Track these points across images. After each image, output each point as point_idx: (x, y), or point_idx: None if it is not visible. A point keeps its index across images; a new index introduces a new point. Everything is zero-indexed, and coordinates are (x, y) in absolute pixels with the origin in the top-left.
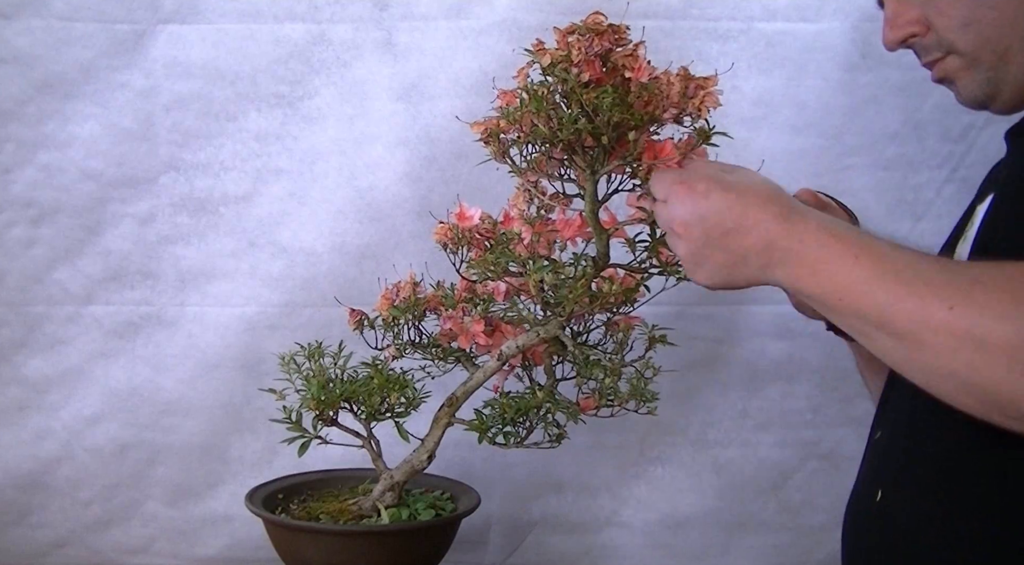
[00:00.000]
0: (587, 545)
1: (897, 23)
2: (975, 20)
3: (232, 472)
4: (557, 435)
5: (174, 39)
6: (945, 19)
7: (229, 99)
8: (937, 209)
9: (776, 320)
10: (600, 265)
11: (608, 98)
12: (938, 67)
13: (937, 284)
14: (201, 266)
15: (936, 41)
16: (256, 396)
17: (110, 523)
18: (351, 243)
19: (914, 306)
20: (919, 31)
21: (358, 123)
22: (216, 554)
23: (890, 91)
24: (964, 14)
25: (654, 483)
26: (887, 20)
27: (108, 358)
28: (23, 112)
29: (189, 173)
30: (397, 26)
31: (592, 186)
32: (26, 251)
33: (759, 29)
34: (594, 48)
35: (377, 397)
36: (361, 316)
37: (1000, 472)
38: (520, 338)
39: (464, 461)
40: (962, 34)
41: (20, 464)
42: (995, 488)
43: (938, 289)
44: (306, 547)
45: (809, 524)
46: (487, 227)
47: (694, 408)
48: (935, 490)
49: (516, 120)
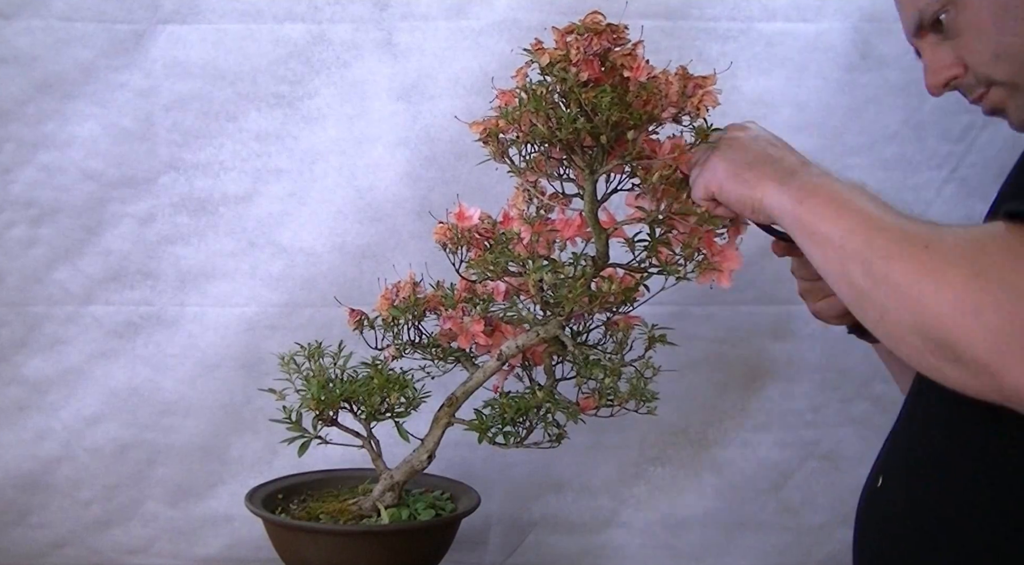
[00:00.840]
0: (587, 545)
1: (935, 69)
2: (1003, 51)
3: (232, 472)
4: (557, 435)
5: (174, 39)
6: (976, 55)
7: (229, 99)
8: (937, 209)
9: (776, 320)
10: (599, 265)
11: (607, 97)
12: (986, 101)
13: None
14: (201, 266)
15: (975, 78)
16: (256, 396)
17: (110, 523)
18: (351, 243)
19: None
20: (958, 73)
21: (358, 123)
22: (216, 554)
23: (890, 91)
24: (992, 48)
25: (654, 483)
26: (926, 68)
27: (108, 358)
28: (23, 112)
29: (189, 173)
30: (397, 26)
31: (591, 185)
32: (26, 251)
33: (759, 29)
34: (592, 47)
35: (377, 397)
36: (361, 316)
37: (995, 458)
38: (520, 338)
39: (464, 461)
40: (996, 66)
41: (20, 464)
42: (989, 474)
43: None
44: (306, 547)
45: (809, 524)
46: (487, 227)
47: (694, 408)
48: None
49: (515, 120)
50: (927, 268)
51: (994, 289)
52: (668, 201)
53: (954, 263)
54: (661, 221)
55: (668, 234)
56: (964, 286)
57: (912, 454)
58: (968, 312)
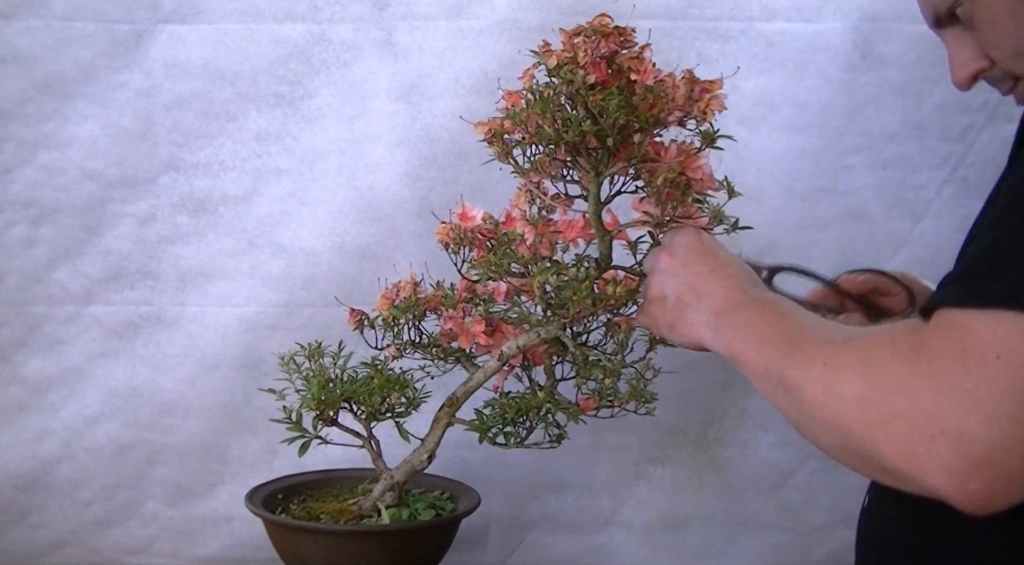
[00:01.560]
0: (587, 545)
1: (960, 63)
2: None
3: (232, 472)
4: (557, 435)
5: (174, 39)
6: (999, 51)
7: (229, 99)
8: (937, 209)
9: None
10: (603, 266)
11: (614, 100)
12: (1017, 93)
13: (820, 343)
14: (201, 266)
15: (1001, 72)
16: (256, 396)
17: (110, 523)
18: (351, 243)
19: (800, 362)
20: (985, 66)
21: (358, 123)
22: (216, 554)
23: (890, 91)
24: (1013, 43)
25: (654, 483)
26: (950, 61)
27: (108, 358)
28: (23, 112)
29: (189, 173)
30: (397, 26)
31: (596, 188)
32: (26, 251)
33: (759, 29)
34: (600, 50)
35: (377, 397)
36: (361, 316)
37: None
38: (520, 338)
39: (464, 461)
40: (1019, 62)
41: (20, 464)
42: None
43: (820, 348)
44: (306, 547)
45: (809, 524)
46: (489, 227)
47: (694, 408)
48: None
49: (522, 121)
50: (829, 389)
51: (891, 399)
52: (672, 205)
53: (850, 380)
54: (665, 224)
55: None
56: (863, 401)
57: None
58: (874, 424)
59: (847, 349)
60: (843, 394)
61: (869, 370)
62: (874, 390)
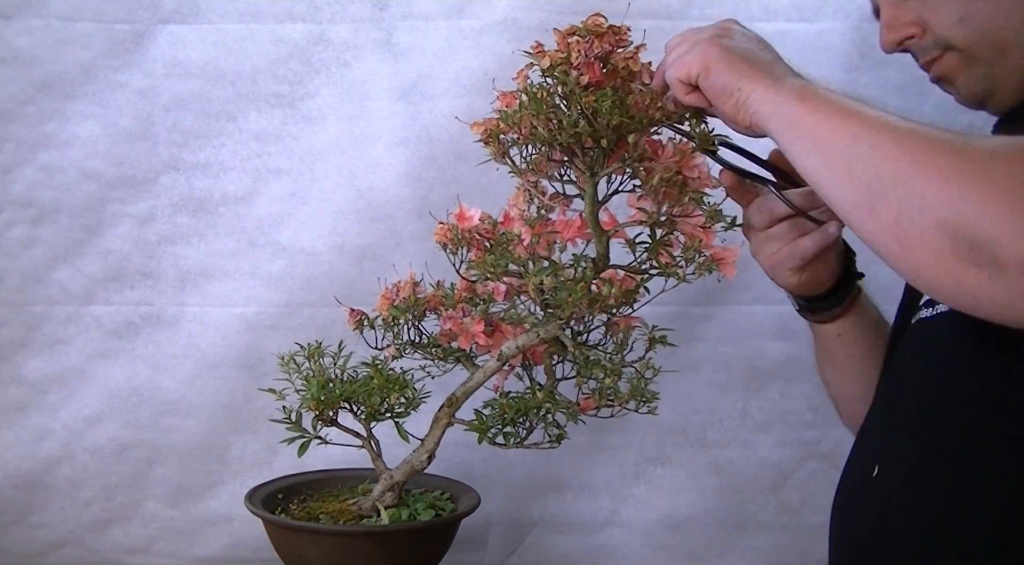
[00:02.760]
0: (587, 545)
1: (894, 26)
2: (970, 14)
3: (232, 472)
4: (557, 435)
5: (174, 39)
6: (941, 16)
7: (229, 99)
8: None
9: (776, 320)
10: (600, 266)
11: (607, 101)
12: (936, 65)
13: (941, 131)
14: (201, 266)
15: (933, 40)
16: (256, 396)
17: (110, 523)
18: (351, 243)
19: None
20: (916, 32)
21: (358, 123)
22: (216, 554)
23: (890, 91)
24: (959, 8)
25: (654, 483)
26: (883, 24)
27: (108, 358)
28: (23, 112)
29: (189, 173)
30: (397, 26)
31: (592, 187)
32: (26, 251)
33: (759, 29)
34: (594, 50)
35: (377, 397)
36: (361, 316)
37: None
38: (520, 338)
39: (464, 461)
40: (959, 29)
41: (20, 464)
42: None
43: (948, 133)
44: (306, 547)
45: (809, 524)
46: (487, 227)
47: (694, 408)
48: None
49: (515, 122)
50: (971, 165)
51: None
52: (669, 203)
53: (1004, 161)
54: (662, 223)
55: (669, 235)
56: (1012, 186)
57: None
58: (1017, 212)
59: (992, 141)
60: (990, 175)
61: None
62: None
